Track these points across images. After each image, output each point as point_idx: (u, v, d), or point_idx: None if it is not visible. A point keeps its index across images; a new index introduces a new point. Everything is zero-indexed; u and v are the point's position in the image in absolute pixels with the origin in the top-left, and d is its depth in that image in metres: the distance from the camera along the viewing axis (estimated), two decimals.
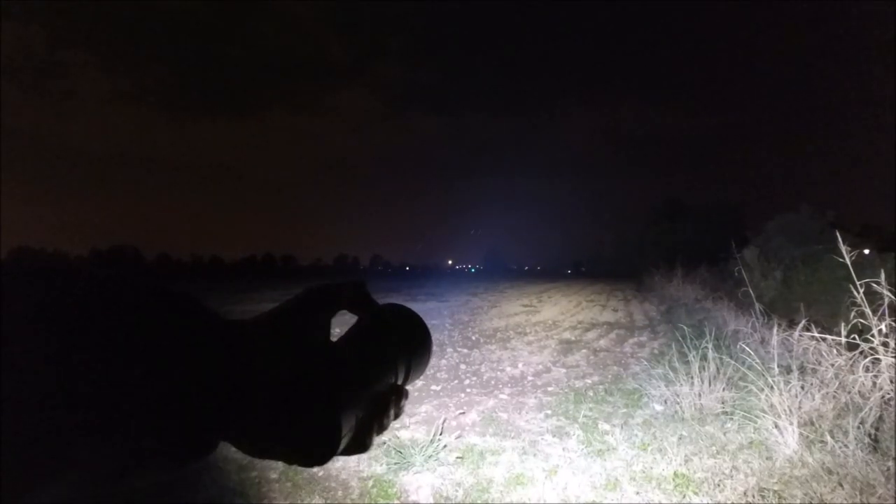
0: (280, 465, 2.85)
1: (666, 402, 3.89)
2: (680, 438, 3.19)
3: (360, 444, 0.33)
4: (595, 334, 8.00)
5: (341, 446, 0.31)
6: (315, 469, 2.80)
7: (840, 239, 3.41)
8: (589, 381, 4.81)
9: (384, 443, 3.14)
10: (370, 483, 2.65)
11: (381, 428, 0.35)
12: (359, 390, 0.33)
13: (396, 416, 0.37)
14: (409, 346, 0.40)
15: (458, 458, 2.95)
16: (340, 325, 0.37)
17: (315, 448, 0.31)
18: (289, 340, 0.31)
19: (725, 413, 3.57)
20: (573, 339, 7.54)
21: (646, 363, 5.50)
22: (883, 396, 2.86)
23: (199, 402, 0.26)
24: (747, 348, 3.72)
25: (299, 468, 2.79)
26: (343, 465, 2.85)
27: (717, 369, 3.84)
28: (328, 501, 2.48)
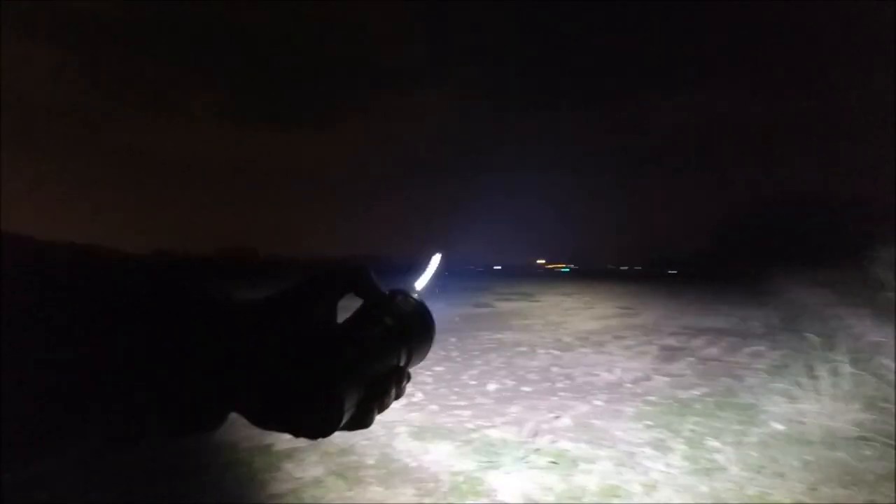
0: (375, 452, 3.01)
1: (788, 421, 3.47)
2: (804, 463, 2.84)
3: (361, 421, 0.35)
4: (702, 341, 7.38)
5: (343, 421, 0.33)
6: (408, 460, 2.91)
7: None
8: (696, 393, 4.45)
9: (474, 440, 3.18)
10: (460, 478, 2.69)
11: (382, 406, 0.37)
12: (360, 370, 0.35)
13: (398, 396, 0.39)
14: (412, 330, 0.41)
15: (551, 462, 2.89)
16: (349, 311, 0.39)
17: (319, 422, 0.33)
18: (295, 321, 0.33)
19: (862, 438, 3.10)
20: (677, 345, 7.02)
21: (764, 376, 4.96)
22: None
23: (208, 377, 0.29)
24: (890, 363, 3.21)
25: (392, 457, 2.92)
26: (435, 459, 2.93)
27: (853, 387, 3.35)
28: (420, 492, 2.56)
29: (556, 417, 3.71)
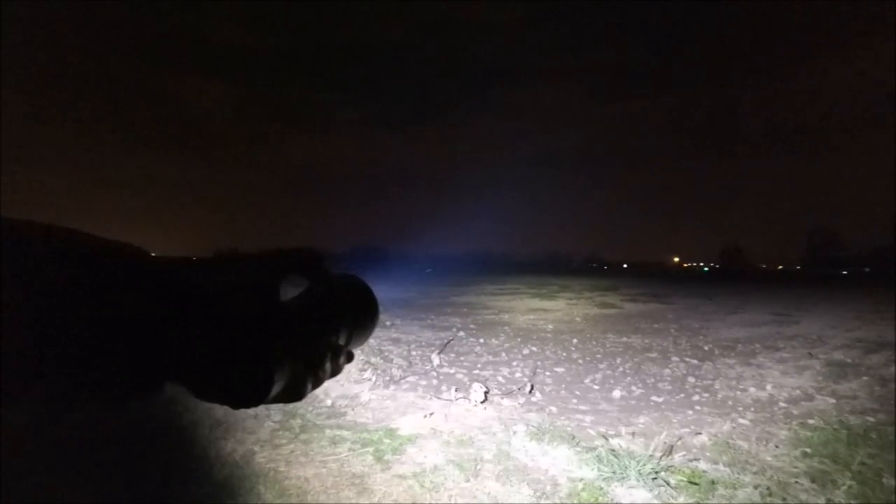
0: (492, 447, 3.03)
1: None
2: None
3: (294, 394, 0.35)
4: (882, 357, 6.13)
5: (272, 393, 0.33)
6: (525, 459, 2.89)
7: None
8: (871, 420, 3.73)
9: (596, 447, 3.04)
10: (580, 486, 2.60)
11: (318, 380, 0.36)
12: (296, 345, 0.35)
13: (334, 373, 0.38)
14: (354, 312, 0.43)
15: (689, 482, 2.64)
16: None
17: (248, 391, 0.33)
18: (236, 295, 0.34)
19: None
20: (847, 360, 5.93)
21: None
22: None
23: (142, 345, 0.30)
24: None
25: (510, 454, 2.92)
26: (553, 462, 2.86)
27: None
28: (537, 493, 2.52)
29: (694, 433, 3.38)
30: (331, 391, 4.00)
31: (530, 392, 4.30)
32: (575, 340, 7.03)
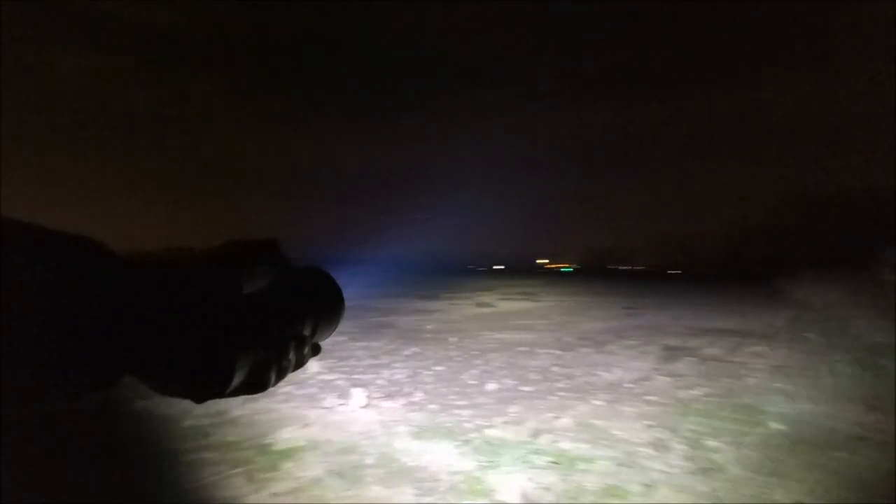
0: (375, 451, 3.02)
1: (787, 421, 3.47)
2: (803, 464, 2.83)
3: (257, 385, 0.37)
4: (704, 341, 7.36)
5: (233, 384, 0.35)
6: (407, 459, 2.92)
7: None
8: (696, 393, 4.45)
9: (473, 439, 3.19)
10: (460, 478, 2.70)
11: (282, 371, 0.38)
12: (258, 335, 0.37)
13: (298, 364, 0.40)
14: (319, 303, 0.44)
15: (551, 462, 2.90)
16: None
17: (207, 383, 0.34)
18: (196, 286, 0.35)
19: (861, 438, 3.10)
20: (678, 345, 7.01)
21: (764, 376, 4.95)
22: None
23: (97, 338, 0.30)
24: (892, 365, 3.20)
25: (392, 456, 2.93)
26: (434, 459, 2.94)
27: (853, 387, 3.35)
28: (419, 491, 2.57)
29: (556, 417, 3.72)
30: (192, 409, 3.64)
31: (412, 393, 4.35)
32: (454, 339, 7.28)
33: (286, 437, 3.26)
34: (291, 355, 0.39)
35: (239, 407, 3.82)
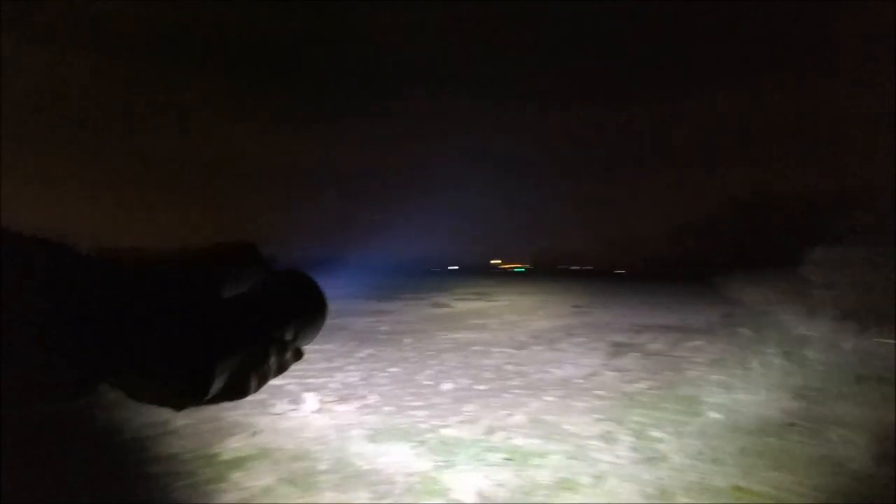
0: (328, 457, 2.95)
1: (724, 410, 3.69)
2: (739, 450, 3.02)
3: (237, 391, 0.36)
4: (647, 337, 7.70)
5: (212, 391, 0.34)
6: (361, 463, 2.88)
7: None
8: (641, 386, 4.64)
9: (429, 440, 3.18)
10: (415, 479, 2.69)
11: (262, 378, 0.37)
12: (238, 341, 0.36)
13: (280, 370, 0.40)
14: (301, 307, 0.43)
15: (504, 458, 2.94)
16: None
17: (186, 390, 0.33)
18: (174, 290, 0.34)
19: (790, 424, 3.34)
20: (624, 341, 7.30)
21: (703, 369, 5.24)
22: None
23: (71, 344, 0.28)
24: (815, 355, 3.48)
25: (346, 461, 2.88)
26: (390, 461, 2.91)
27: (782, 377, 3.61)
28: (374, 494, 2.54)
29: (510, 414, 3.78)
30: (131, 420, 3.43)
31: (366, 396, 4.29)
32: (409, 340, 7.25)
33: (234, 446, 3.13)
34: (272, 361, 0.37)
35: (182, 416, 3.64)
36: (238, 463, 2.89)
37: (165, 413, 3.71)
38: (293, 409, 3.80)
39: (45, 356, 0.27)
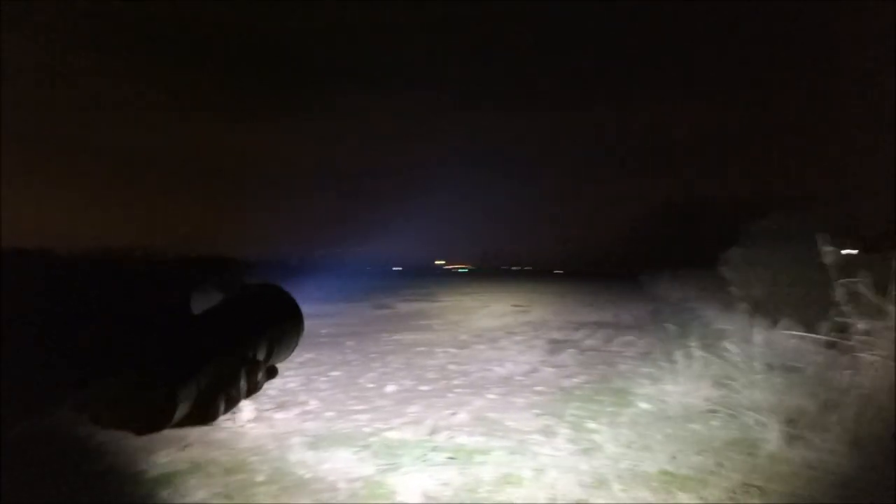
0: (266, 467, 2.84)
1: (652, 400, 3.93)
2: (666, 436, 3.23)
3: (205, 415, 0.35)
4: (583, 333, 8.05)
5: (177, 415, 0.32)
6: (302, 472, 2.79)
7: (823, 240, 3.49)
8: (577, 381, 4.84)
9: (372, 444, 3.14)
10: (359, 484, 2.65)
11: (231, 400, 0.36)
12: (206, 362, 0.34)
13: (251, 391, 0.38)
14: (274, 324, 0.41)
15: (449, 458, 2.96)
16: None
17: (150, 415, 0.32)
18: (139, 308, 0.32)
19: (711, 411, 3.61)
20: (561, 338, 7.58)
21: (633, 362, 5.55)
22: (862, 393, 2.93)
23: (27, 364, 0.27)
24: (732, 347, 3.78)
25: (286, 471, 2.78)
26: (332, 468, 2.84)
27: (703, 368, 3.90)
28: (316, 503, 2.47)
29: (454, 414, 3.81)
30: (52, 436, 3.12)
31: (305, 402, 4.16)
32: (351, 343, 7.13)
33: (162, 461, 2.92)
34: (242, 382, 0.34)
35: (103, 432, 3.36)
36: (166, 479, 2.70)
37: (87, 429, 3.41)
38: (227, 419, 3.61)
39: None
